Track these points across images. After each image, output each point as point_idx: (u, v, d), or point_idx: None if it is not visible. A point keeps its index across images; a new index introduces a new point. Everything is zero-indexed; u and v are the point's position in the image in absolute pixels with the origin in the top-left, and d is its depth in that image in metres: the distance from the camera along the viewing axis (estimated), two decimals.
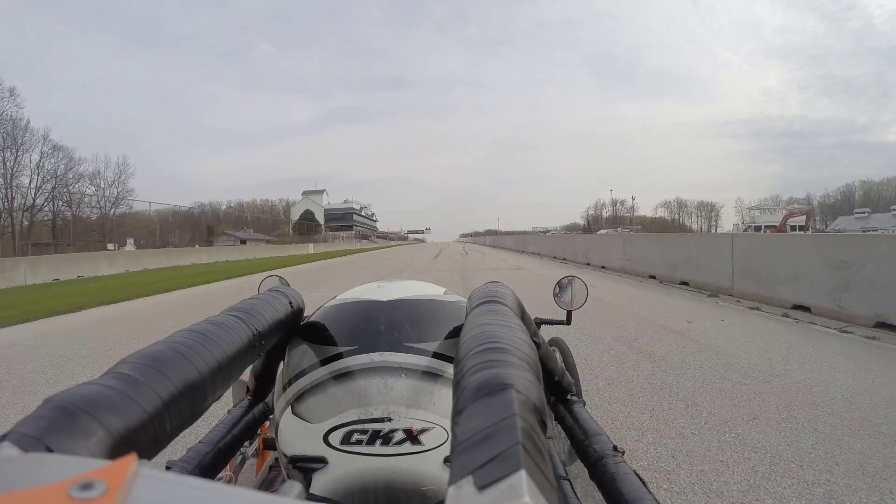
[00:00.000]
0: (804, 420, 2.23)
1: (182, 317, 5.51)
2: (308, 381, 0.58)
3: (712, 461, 1.85)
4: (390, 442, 0.53)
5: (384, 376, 0.55)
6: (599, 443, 0.64)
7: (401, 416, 0.54)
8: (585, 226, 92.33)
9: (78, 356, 3.76)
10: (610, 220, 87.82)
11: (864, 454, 1.88)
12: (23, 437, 0.27)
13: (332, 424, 0.54)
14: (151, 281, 10.54)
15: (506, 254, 22.71)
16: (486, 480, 0.22)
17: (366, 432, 0.53)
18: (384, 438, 0.53)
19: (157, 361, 0.39)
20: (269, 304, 0.60)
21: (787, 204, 75.70)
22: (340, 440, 0.53)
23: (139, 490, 0.17)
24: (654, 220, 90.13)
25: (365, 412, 0.54)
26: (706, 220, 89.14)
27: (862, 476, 1.72)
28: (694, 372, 3.02)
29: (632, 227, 71.43)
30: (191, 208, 58.31)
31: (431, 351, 0.59)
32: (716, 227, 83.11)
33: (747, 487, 1.66)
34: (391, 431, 0.53)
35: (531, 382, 0.33)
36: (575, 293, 1.41)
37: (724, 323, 4.62)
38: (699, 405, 2.44)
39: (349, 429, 0.53)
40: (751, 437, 2.06)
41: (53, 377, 3.20)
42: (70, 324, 5.30)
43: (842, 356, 3.37)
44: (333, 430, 0.54)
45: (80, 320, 5.54)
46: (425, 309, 0.66)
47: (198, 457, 0.66)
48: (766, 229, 45.19)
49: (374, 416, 0.53)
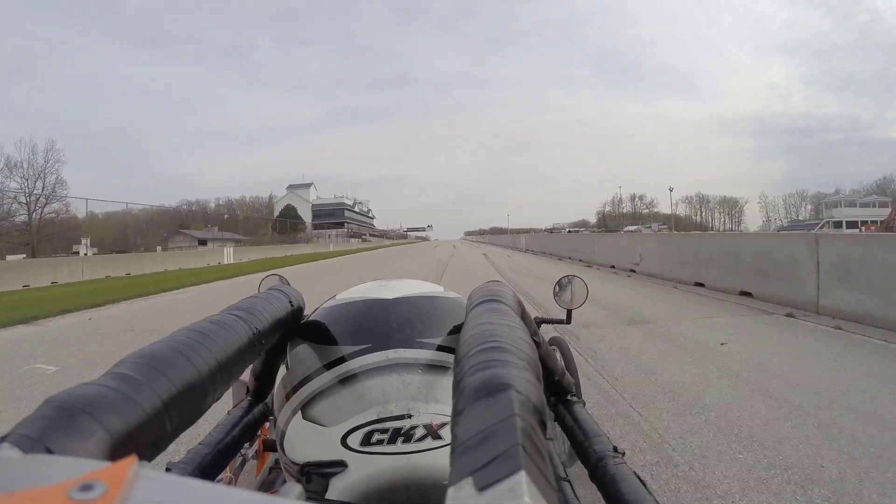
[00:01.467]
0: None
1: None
2: (319, 385, 0.56)
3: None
4: (412, 439, 0.52)
5: (401, 373, 0.55)
6: (600, 444, 0.64)
7: (420, 411, 0.53)
8: (600, 221, 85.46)
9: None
10: (629, 217, 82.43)
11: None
12: (22, 438, 0.27)
13: (351, 426, 0.53)
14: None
15: (526, 257, 17.45)
16: (486, 481, 0.22)
17: (386, 431, 0.52)
18: (405, 436, 0.52)
19: (156, 361, 0.39)
20: (268, 303, 0.60)
21: (816, 198, 69.81)
22: (360, 441, 0.52)
23: (139, 491, 0.17)
24: (677, 217, 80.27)
25: (384, 410, 0.53)
26: (728, 216, 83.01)
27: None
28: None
29: (665, 225, 65.24)
30: (177, 206, 51.90)
31: (443, 345, 0.59)
32: (739, 224, 77.55)
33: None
34: (412, 428, 0.52)
35: (531, 383, 0.33)
36: (575, 292, 1.42)
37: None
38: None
39: (369, 429, 0.52)
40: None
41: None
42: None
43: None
44: (352, 432, 0.52)
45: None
46: (430, 305, 0.66)
47: (198, 458, 0.66)
48: (866, 226, 39.39)
49: (395, 414, 0.52)
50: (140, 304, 7.32)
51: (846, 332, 4.18)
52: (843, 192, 67.34)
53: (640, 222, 73.39)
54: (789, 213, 77.79)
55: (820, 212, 59.23)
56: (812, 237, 5.48)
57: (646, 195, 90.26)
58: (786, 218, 75.68)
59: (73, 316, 6.19)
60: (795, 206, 76.16)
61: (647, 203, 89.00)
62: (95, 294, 8.32)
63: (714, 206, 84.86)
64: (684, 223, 79.77)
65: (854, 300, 4.69)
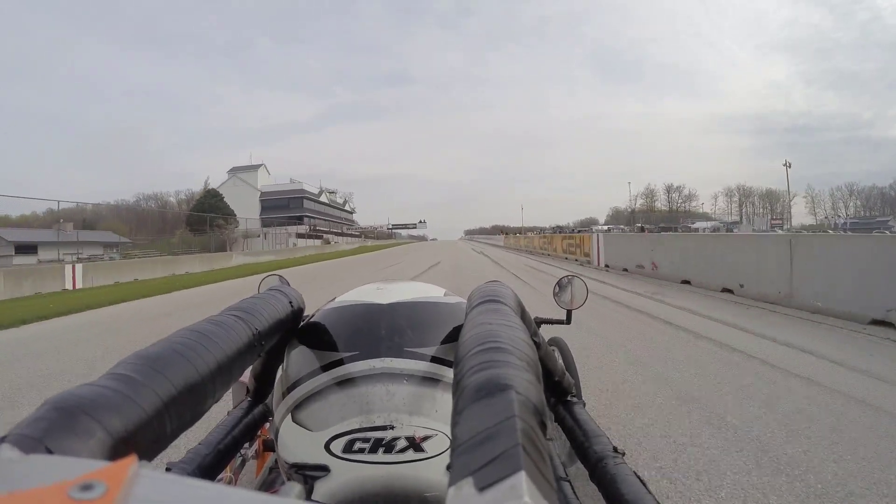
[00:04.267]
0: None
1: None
2: (308, 389, 0.57)
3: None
4: (393, 450, 0.53)
5: (386, 383, 0.55)
6: (599, 444, 0.64)
7: (403, 423, 0.53)
8: (629, 216, 71.77)
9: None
10: (665, 216, 69.45)
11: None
12: (23, 438, 0.27)
13: (334, 433, 0.53)
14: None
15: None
16: (487, 481, 0.22)
17: (368, 440, 0.53)
18: (387, 446, 0.52)
19: (156, 362, 0.39)
20: (268, 304, 0.60)
21: (866, 193, 57.13)
22: (342, 448, 0.53)
23: (139, 491, 0.17)
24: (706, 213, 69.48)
25: (367, 420, 0.53)
26: (769, 212, 68.61)
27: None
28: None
29: (778, 220, 53.20)
30: (135, 202, 39.15)
31: (432, 356, 0.58)
32: (787, 221, 57.19)
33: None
34: (394, 439, 0.53)
35: (531, 383, 0.33)
36: (575, 292, 1.41)
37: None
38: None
39: (351, 437, 0.53)
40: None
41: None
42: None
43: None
44: (335, 439, 0.53)
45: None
46: (425, 311, 0.65)
47: (198, 458, 0.66)
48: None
49: (377, 424, 0.53)
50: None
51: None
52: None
53: (687, 220, 61.16)
54: (836, 208, 66.19)
55: (875, 208, 50.33)
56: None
57: (683, 186, 75.43)
58: (837, 215, 63.78)
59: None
60: (844, 201, 63.94)
61: (685, 196, 75.01)
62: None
63: (755, 200, 73.03)
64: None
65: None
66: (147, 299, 7.84)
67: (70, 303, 7.35)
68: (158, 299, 7.84)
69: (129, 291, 8.98)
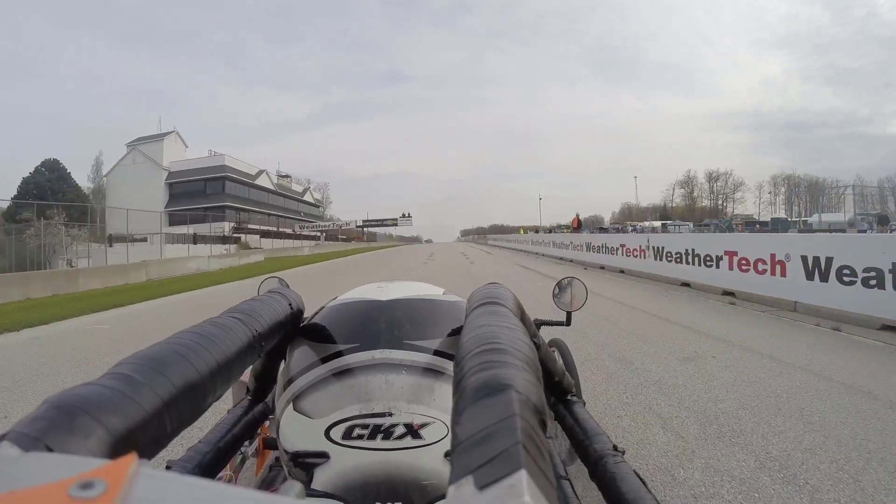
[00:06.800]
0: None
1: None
2: (310, 379, 0.58)
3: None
4: (391, 436, 0.54)
5: (384, 373, 0.56)
6: (599, 443, 0.65)
7: (401, 410, 0.54)
8: (662, 212, 56.29)
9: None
10: (709, 211, 53.99)
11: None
12: (23, 436, 0.27)
13: (334, 419, 0.55)
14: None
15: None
16: (487, 480, 0.22)
17: (367, 427, 0.54)
18: (385, 433, 0.54)
19: (156, 362, 0.39)
20: (268, 306, 0.60)
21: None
22: (342, 435, 0.54)
23: (139, 489, 0.17)
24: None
25: (366, 407, 0.54)
26: (814, 206, 50.45)
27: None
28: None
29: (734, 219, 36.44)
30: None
31: (432, 349, 0.59)
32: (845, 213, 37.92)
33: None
34: (392, 426, 0.54)
35: (531, 383, 0.33)
36: (574, 294, 1.42)
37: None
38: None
39: (350, 423, 0.54)
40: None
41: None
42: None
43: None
44: (335, 426, 0.54)
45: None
46: (424, 308, 0.67)
47: (198, 456, 0.66)
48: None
49: (375, 411, 0.54)
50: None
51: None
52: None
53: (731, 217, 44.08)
54: (884, 200, 56.18)
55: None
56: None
57: (730, 173, 57.75)
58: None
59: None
60: (893, 194, 49.05)
61: (731, 185, 57.64)
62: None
63: (801, 190, 55.87)
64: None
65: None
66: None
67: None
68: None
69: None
